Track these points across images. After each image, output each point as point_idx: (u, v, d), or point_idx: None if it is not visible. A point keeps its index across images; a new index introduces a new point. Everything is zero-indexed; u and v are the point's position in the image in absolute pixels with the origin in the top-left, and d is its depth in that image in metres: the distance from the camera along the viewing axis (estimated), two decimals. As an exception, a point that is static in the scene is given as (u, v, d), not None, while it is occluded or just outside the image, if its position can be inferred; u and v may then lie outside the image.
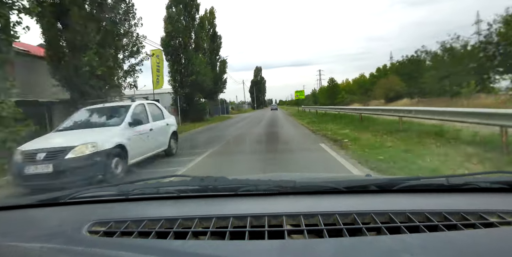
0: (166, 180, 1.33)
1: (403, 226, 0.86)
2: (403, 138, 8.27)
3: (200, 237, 0.89)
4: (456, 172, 4.50)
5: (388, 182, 1.18)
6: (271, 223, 0.94)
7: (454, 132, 8.30)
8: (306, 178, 1.42)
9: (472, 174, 1.36)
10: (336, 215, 0.94)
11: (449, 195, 1.12)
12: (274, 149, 8.22)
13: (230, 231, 0.88)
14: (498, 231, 0.83)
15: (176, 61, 25.59)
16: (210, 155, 8.11)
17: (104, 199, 1.22)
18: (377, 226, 0.87)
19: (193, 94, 25.80)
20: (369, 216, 0.93)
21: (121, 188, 1.24)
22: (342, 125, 13.49)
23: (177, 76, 25.85)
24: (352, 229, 0.86)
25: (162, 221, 0.96)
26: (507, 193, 1.10)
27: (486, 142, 6.55)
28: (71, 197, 1.21)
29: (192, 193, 1.20)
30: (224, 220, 0.95)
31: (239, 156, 7.74)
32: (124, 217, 1.01)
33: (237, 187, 1.18)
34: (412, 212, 0.93)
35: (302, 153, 7.79)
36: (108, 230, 0.93)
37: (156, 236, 0.89)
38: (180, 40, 25.53)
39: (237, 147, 10.03)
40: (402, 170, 4.99)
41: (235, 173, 5.50)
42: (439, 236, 0.80)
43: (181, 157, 8.12)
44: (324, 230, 0.85)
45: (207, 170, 6.30)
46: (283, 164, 6.22)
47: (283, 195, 1.15)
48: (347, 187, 1.14)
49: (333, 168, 5.63)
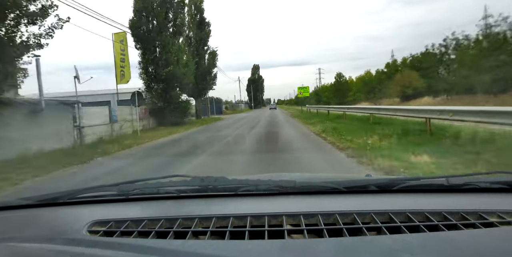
0: (166, 180, 1.30)
1: (403, 226, 0.87)
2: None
3: (200, 237, 0.89)
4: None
5: (388, 182, 1.18)
6: (271, 223, 0.94)
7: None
8: (306, 178, 1.45)
9: (472, 174, 1.37)
10: (336, 215, 0.94)
11: (449, 195, 1.12)
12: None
13: (230, 231, 0.88)
14: (498, 231, 0.83)
15: (149, 49, 20.02)
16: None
17: (104, 199, 1.22)
18: (377, 226, 0.88)
19: (170, 90, 20.17)
20: (369, 216, 0.94)
21: (121, 188, 1.23)
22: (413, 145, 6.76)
23: (150, 68, 20.30)
24: (352, 229, 0.86)
25: (162, 221, 0.97)
26: (507, 193, 1.11)
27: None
28: (71, 197, 1.21)
29: (192, 193, 1.20)
30: (224, 220, 0.96)
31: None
32: (124, 217, 1.02)
33: (237, 187, 1.18)
34: (412, 212, 0.94)
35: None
36: (108, 230, 0.94)
37: (156, 236, 0.89)
38: (154, 22, 19.98)
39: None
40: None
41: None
42: (439, 236, 0.80)
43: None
44: (324, 230, 0.85)
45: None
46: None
47: (283, 195, 1.16)
48: (347, 187, 1.14)
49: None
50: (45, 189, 5.21)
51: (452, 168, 4.96)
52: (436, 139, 7.47)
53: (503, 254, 0.71)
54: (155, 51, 20.00)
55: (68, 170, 7.05)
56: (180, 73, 20.06)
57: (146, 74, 20.22)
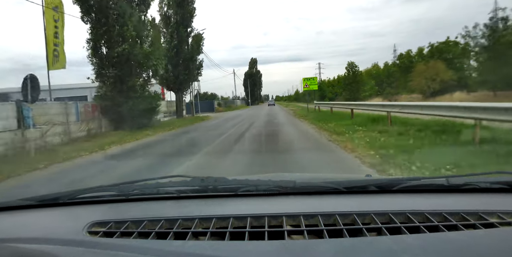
0: (166, 180, 1.29)
1: (403, 226, 0.86)
2: None
3: (200, 237, 0.89)
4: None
5: (388, 183, 1.18)
6: (271, 224, 0.94)
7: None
8: (306, 179, 1.43)
9: (472, 174, 1.29)
10: (336, 215, 0.94)
11: (449, 196, 1.12)
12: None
13: (230, 232, 0.88)
14: (498, 232, 0.83)
15: (99, 21, 14.10)
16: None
17: (104, 199, 1.21)
18: (377, 227, 0.88)
19: (125, 78, 14.16)
20: (369, 217, 0.94)
21: (121, 188, 1.23)
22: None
23: (101, 47, 14.43)
24: (352, 229, 0.86)
25: (162, 221, 0.96)
26: (507, 193, 1.11)
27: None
28: (71, 197, 1.21)
29: (192, 194, 1.20)
30: (224, 220, 0.95)
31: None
32: (124, 218, 1.01)
33: (237, 187, 1.17)
34: (412, 213, 0.94)
35: None
36: (108, 231, 0.94)
37: (156, 237, 0.89)
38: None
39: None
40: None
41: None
42: (439, 236, 0.81)
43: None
44: (324, 231, 0.85)
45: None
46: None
47: (283, 195, 1.15)
48: (347, 187, 1.14)
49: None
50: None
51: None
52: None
53: (503, 255, 0.71)
54: (107, 24, 14.02)
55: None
56: (142, 55, 14.08)
57: (95, 56, 14.32)
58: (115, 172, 6.30)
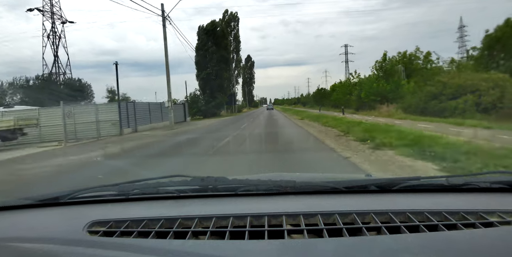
0: (166, 180, 1.29)
1: (403, 226, 0.86)
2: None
3: (200, 237, 0.88)
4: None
5: (388, 182, 1.18)
6: (271, 223, 0.93)
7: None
8: (306, 178, 1.42)
9: (472, 174, 1.34)
10: (336, 215, 0.93)
11: (449, 195, 1.12)
12: None
13: (230, 231, 0.87)
14: (498, 231, 0.83)
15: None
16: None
17: (104, 199, 1.21)
18: (377, 226, 0.87)
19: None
20: (369, 216, 0.93)
21: (121, 188, 1.22)
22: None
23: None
24: (352, 229, 0.86)
25: (162, 221, 0.96)
26: (507, 193, 1.11)
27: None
28: (71, 197, 1.20)
29: (192, 193, 1.19)
30: (224, 220, 0.95)
31: None
32: (124, 217, 1.01)
33: (237, 187, 1.17)
34: (412, 212, 0.93)
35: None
36: (108, 230, 0.93)
37: (156, 236, 0.89)
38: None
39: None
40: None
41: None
42: (439, 235, 0.80)
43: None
44: (324, 230, 0.84)
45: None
46: None
47: (283, 195, 1.15)
48: (347, 187, 1.14)
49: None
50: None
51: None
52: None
53: (503, 254, 0.71)
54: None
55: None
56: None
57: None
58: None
